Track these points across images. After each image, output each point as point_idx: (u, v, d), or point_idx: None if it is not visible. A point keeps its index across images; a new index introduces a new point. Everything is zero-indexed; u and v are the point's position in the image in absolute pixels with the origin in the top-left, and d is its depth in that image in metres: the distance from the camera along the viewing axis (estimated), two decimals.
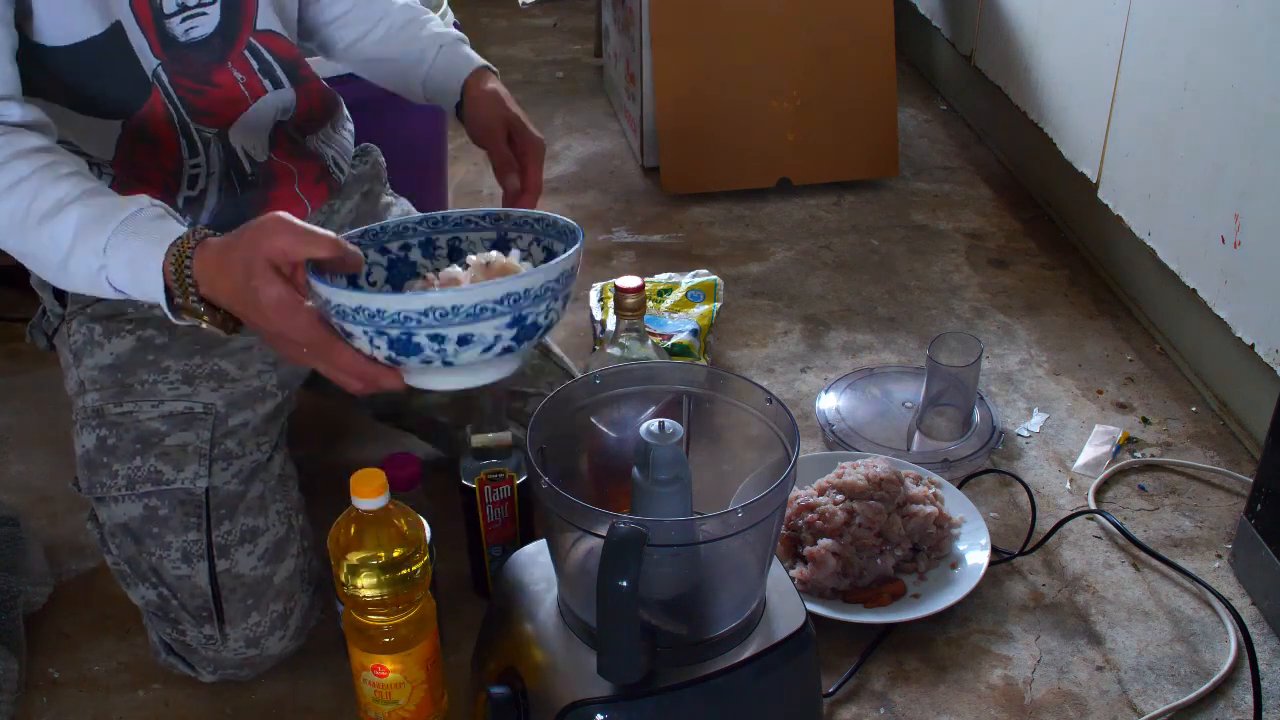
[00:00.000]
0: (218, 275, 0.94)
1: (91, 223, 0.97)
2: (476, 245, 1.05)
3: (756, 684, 0.97)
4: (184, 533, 1.16)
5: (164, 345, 1.20)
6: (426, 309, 0.87)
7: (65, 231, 0.97)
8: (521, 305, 0.90)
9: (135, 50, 1.12)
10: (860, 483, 1.32)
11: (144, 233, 0.97)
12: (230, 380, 1.21)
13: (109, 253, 0.97)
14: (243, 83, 1.21)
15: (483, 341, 0.90)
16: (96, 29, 1.09)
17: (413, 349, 0.89)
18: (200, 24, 1.16)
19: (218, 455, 1.18)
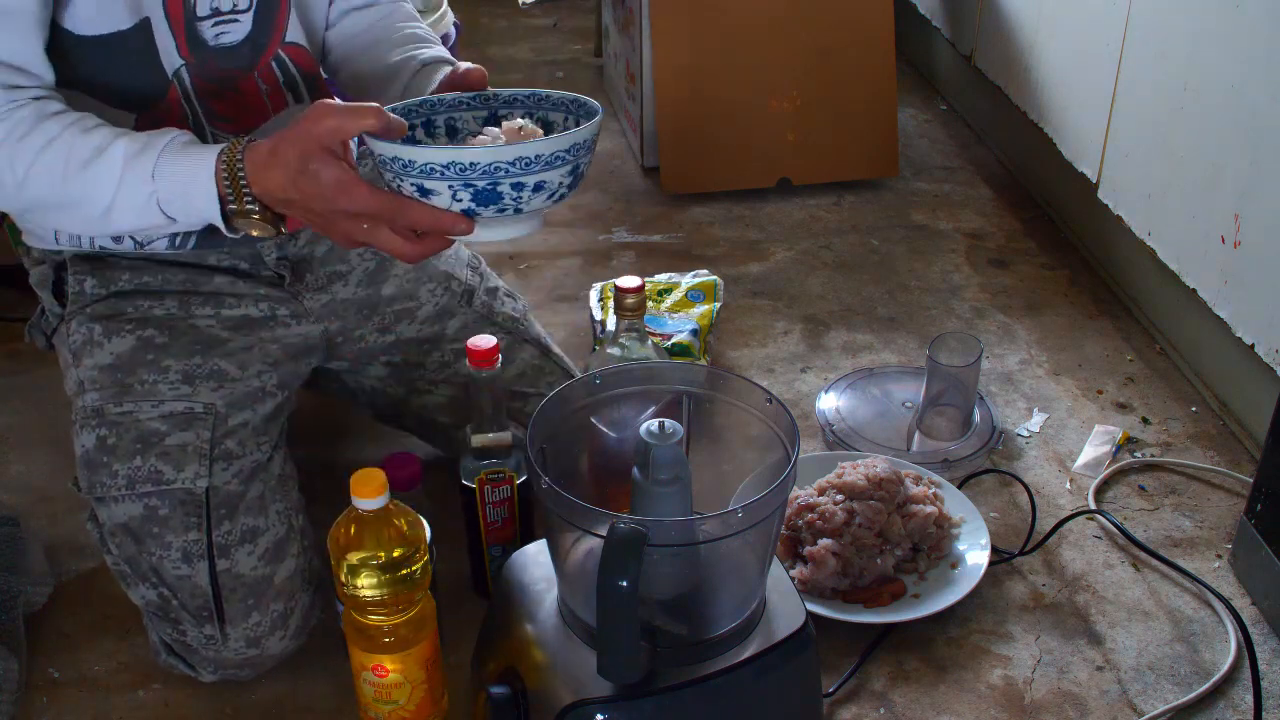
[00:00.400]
0: (270, 169, 0.99)
1: (136, 154, 1.02)
2: (470, 123, 1.13)
3: (756, 684, 0.97)
4: (184, 533, 1.16)
5: (164, 345, 1.20)
6: (515, 158, 0.96)
7: (111, 170, 1.02)
8: (579, 155, 1.01)
9: (159, 48, 1.13)
10: (860, 483, 1.32)
11: (190, 151, 1.02)
12: (230, 380, 1.21)
13: (158, 177, 1.01)
14: (266, 93, 1.22)
15: (550, 188, 0.99)
16: (125, 24, 1.10)
17: (495, 198, 0.98)
18: (231, 31, 1.17)
19: (218, 455, 1.18)
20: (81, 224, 1.12)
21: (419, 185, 0.97)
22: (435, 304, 1.38)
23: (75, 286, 1.22)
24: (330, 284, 1.32)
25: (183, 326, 1.21)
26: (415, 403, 1.41)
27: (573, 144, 0.99)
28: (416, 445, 1.48)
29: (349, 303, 1.33)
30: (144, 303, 1.22)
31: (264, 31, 1.20)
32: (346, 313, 1.33)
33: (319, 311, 1.30)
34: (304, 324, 1.29)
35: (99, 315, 1.21)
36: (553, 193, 1.00)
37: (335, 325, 1.32)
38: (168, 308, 1.22)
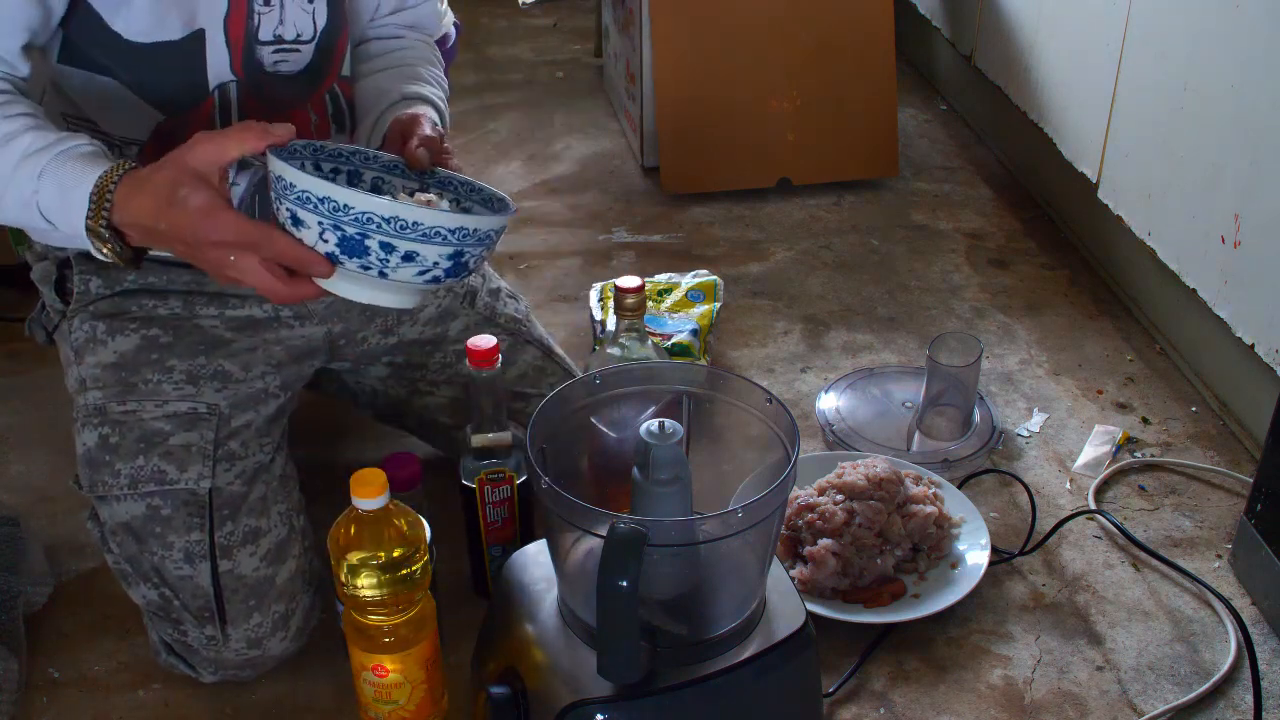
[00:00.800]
0: (140, 195, 0.96)
1: (36, 151, 0.99)
2: (396, 190, 1.09)
3: (756, 684, 0.97)
4: (187, 533, 1.16)
5: (168, 345, 1.20)
6: (392, 216, 0.92)
7: (8, 159, 1.00)
8: (466, 243, 0.96)
9: (208, 61, 1.13)
10: (860, 483, 1.32)
11: (81, 162, 0.99)
12: (234, 381, 1.21)
13: (43, 177, 0.99)
14: (314, 125, 1.23)
15: (423, 264, 0.95)
16: (176, 35, 1.10)
17: (360, 250, 0.94)
18: (291, 61, 1.18)
19: (221, 456, 1.18)
20: None
21: (293, 213, 0.94)
22: (438, 305, 1.38)
23: (81, 285, 1.22)
24: None
25: (187, 326, 1.21)
26: (417, 403, 1.41)
27: (457, 226, 0.94)
28: (416, 445, 1.48)
29: (352, 304, 1.33)
30: (148, 301, 1.22)
31: (322, 66, 1.20)
32: (350, 314, 1.33)
33: (322, 313, 1.30)
34: (307, 325, 1.29)
35: (102, 313, 1.21)
36: (425, 269, 0.95)
37: (339, 327, 1.32)
38: (172, 307, 1.22)
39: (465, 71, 2.75)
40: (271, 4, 1.14)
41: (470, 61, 2.81)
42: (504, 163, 2.36)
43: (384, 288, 0.98)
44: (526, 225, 2.15)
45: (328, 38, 1.19)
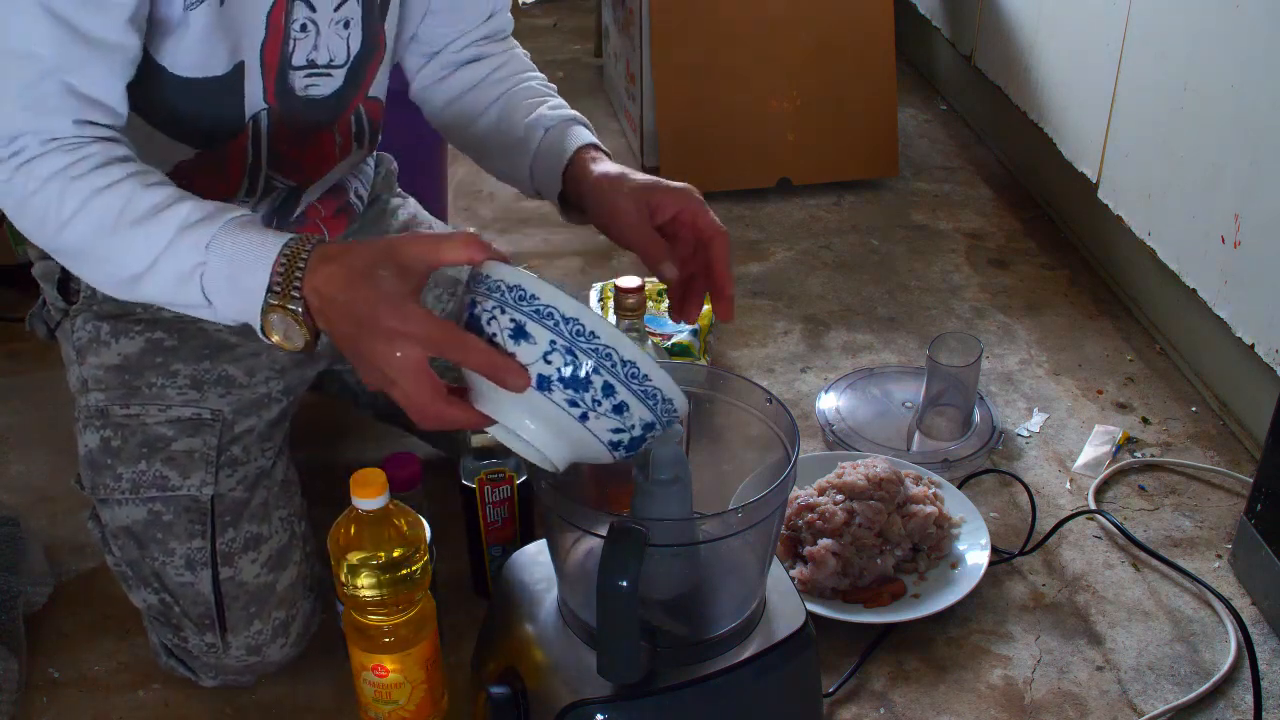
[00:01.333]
0: (332, 264, 0.88)
1: (196, 222, 0.93)
2: None
3: (756, 684, 0.97)
4: (188, 540, 1.15)
5: (173, 349, 1.19)
6: (631, 359, 0.82)
7: (163, 231, 0.93)
8: (664, 418, 0.87)
9: (246, 91, 1.11)
10: (860, 483, 1.32)
11: (251, 230, 0.93)
12: (238, 386, 1.21)
13: (213, 249, 0.92)
14: (338, 145, 1.22)
15: (624, 422, 0.85)
16: (222, 69, 1.08)
17: (581, 385, 0.83)
18: (322, 85, 1.16)
19: (223, 462, 1.17)
20: (105, 280, 1.00)
21: (519, 324, 0.83)
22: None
23: (87, 289, 1.20)
24: None
25: (191, 330, 1.21)
26: None
27: (672, 397, 0.85)
28: (416, 445, 1.48)
29: None
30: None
31: (351, 88, 1.19)
32: None
33: None
34: None
35: (106, 313, 1.20)
36: (620, 429, 0.85)
37: None
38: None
39: None
40: (308, 30, 1.11)
41: None
42: None
43: (563, 433, 0.85)
44: (526, 225, 2.15)
45: (360, 61, 1.18)
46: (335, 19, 1.13)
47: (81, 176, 0.95)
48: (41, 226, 0.97)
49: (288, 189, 1.21)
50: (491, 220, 2.18)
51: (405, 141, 1.45)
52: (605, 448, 0.86)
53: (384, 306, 0.85)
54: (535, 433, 0.86)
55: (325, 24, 1.12)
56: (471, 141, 1.26)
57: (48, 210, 0.96)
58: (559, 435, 0.86)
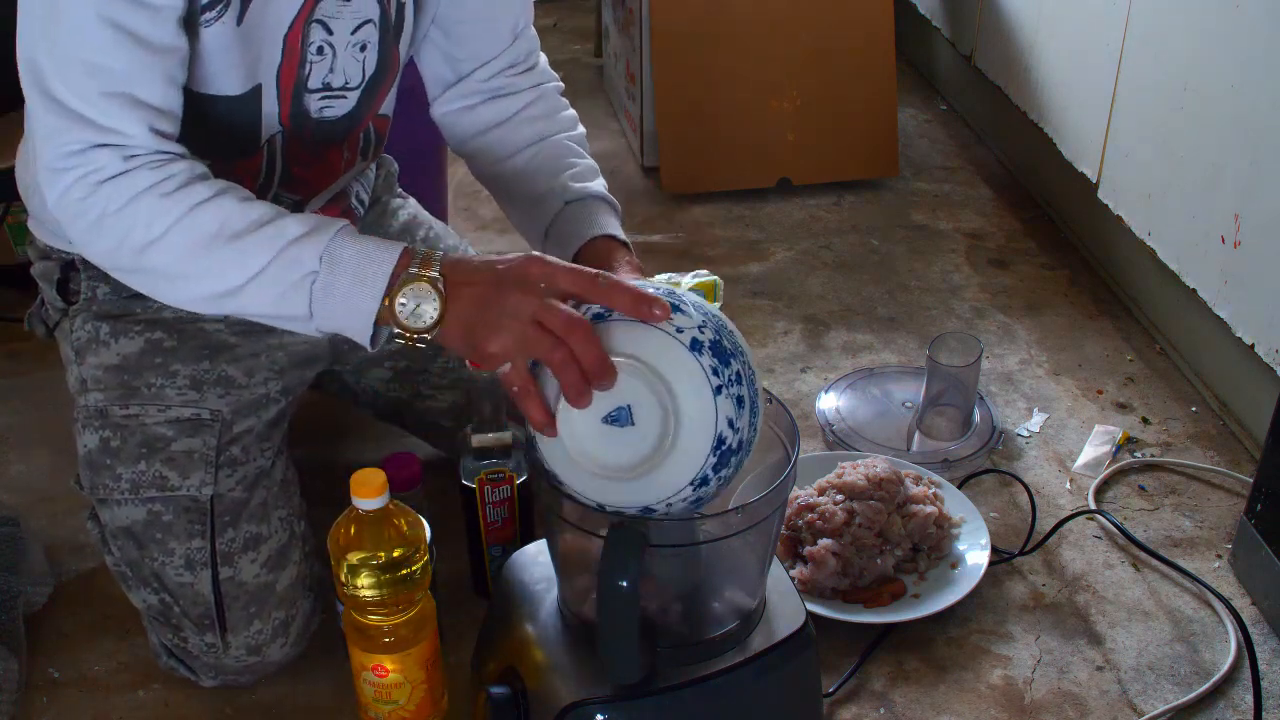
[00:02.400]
0: (469, 263, 0.92)
1: (306, 234, 0.95)
2: None
3: (756, 684, 0.97)
4: (188, 540, 1.15)
5: (172, 349, 1.19)
6: (755, 370, 0.90)
7: (268, 245, 0.95)
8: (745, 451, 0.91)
9: (263, 114, 1.10)
10: (860, 483, 1.32)
11: (365, 237, 0.96)
12: (237, 387, 1.21)
13: (326, 258, 0.94)
14: (345, 160, 1.22)
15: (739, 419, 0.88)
16: (237, 89, 1.07)
17: (725, 357, 0.88)
18: (337, 106, 1.15)
19: (223, 462, 1.17)
20: (193, 297, 1.00)
21: (675, 304, 0.88)
22: None
23: (88, 291, 1.20)
24: None
25: (191, 330, 1.21)
26: (418, 406, 1.41)
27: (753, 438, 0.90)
28: (416, 445, 1.48)
29: None
30: (153, 304, 1.20)
31: (363, 108, 1.18)
32: None
33: None
34: None
35: (106, 313, 1.20)
36: (733, 421, 0.87)
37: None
38: (177, 310, 1.21)
39: None
40: (324, 53, 1.10)
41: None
42: None
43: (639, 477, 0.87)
44: None
45: (374, 83, 1.17)
46: (353, 42, 1.12)
47: (171, 194, 0.95)
48: (121, 246, 0.97)
49: (292, 203, 1.21)
50: (491, 220, 2.18)
51: (405, 142, 1.45)
52: (686, 490, 0.87)
53: (526, 261, 0.90)
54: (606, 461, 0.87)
55: (342, 47, 1.12)
56: (492, 180, 1.26)
57: (133, 229, 0.96)
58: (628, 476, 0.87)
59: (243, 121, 1.10)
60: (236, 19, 1.02)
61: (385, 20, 1.13)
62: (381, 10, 1.12)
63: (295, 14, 1.06)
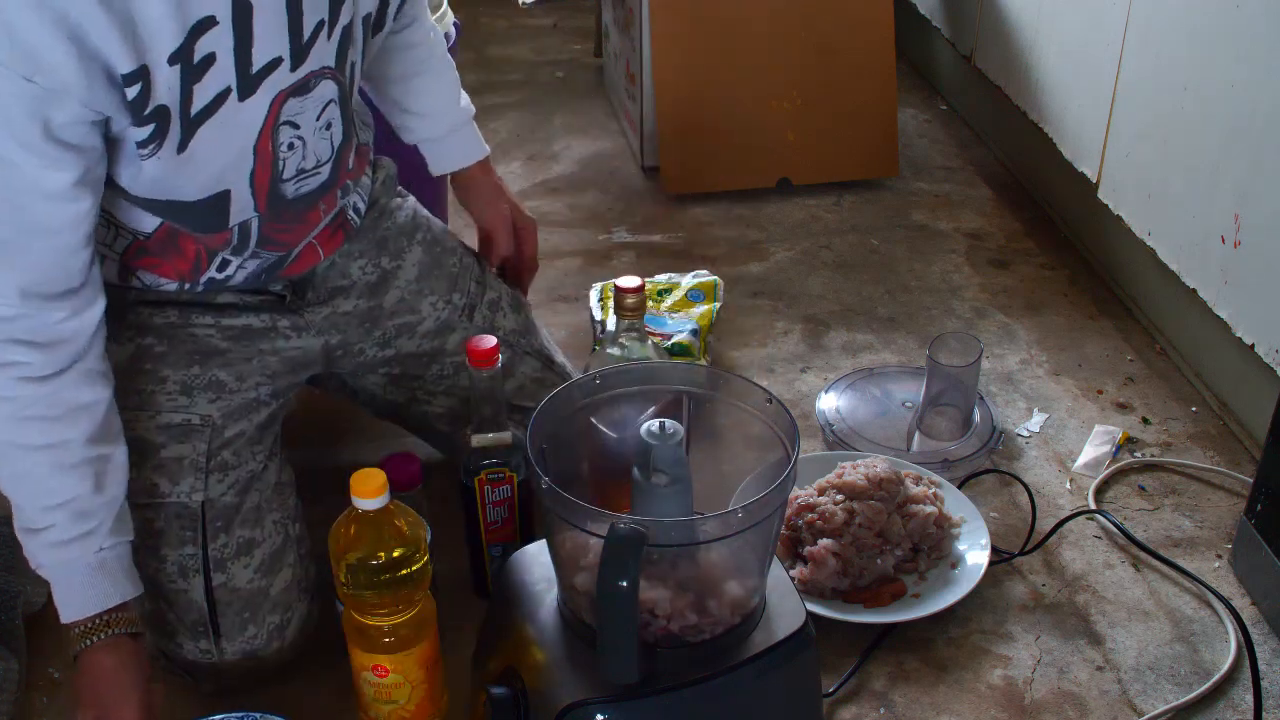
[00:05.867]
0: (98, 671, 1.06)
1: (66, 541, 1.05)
2: None
3: (756, 684, 0.97)
4: (180, 546, 1.15)
5: (162, 354, 1.19)
6: None
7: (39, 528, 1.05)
8: None
9: (232, 210, 1.11)
10: (860, 483, 1.32)
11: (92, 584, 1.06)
12: (228, 391, 1.20)
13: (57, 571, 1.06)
14: (324, 210, 1.22)
15: None
16: (195, 196, 1.07)
17: None
18: (311, 182, 1.16)
19: (214, 467, 1.17)
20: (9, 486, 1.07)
21: None
22: (436, 319, 1.37)
23: None
24: (331, 298, 1.30)
25: (181, 335, 1.20)
26: (415, 410, 1.41)
27: None
28: (416, 445, 1.48)
29: (350, 315, 1.32)
30: (144, 310, 1.20)
31: (337, 172, 1.19)
32: (348, 326, 1.31)
33: (320, 324, 1.29)
34: (304, 337, 1.28)
35: None
36: None
37: (336, 339, 1.31)
38: (168, 316, 1.21)
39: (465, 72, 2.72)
40: (295, 147, 1.11)
41: (470, 61, 2.81)
42: (504, 163, 2.36)
43: None
44: None
45: (342, 150, 1.18)
46: (318, 126, 1.12)
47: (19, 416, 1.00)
48: None
49: (274, 259, 1.22)
50: None
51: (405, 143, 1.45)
52: None
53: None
54: None
55: (310, 134, 1.12)
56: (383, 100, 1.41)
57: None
58: None
59: (203, 217, 1.10)
60: (176, 148, 1.01)
61: (342, 90, 1.13)
62: (339, 86, 1.12)
63: (260, 127, 1.06)
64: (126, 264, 1.16)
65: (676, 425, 0.94)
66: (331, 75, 1.10)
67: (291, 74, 1.05)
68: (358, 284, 1.32)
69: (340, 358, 1.33)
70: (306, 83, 1.07)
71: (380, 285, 1.33)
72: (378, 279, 1.34)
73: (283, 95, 1.06)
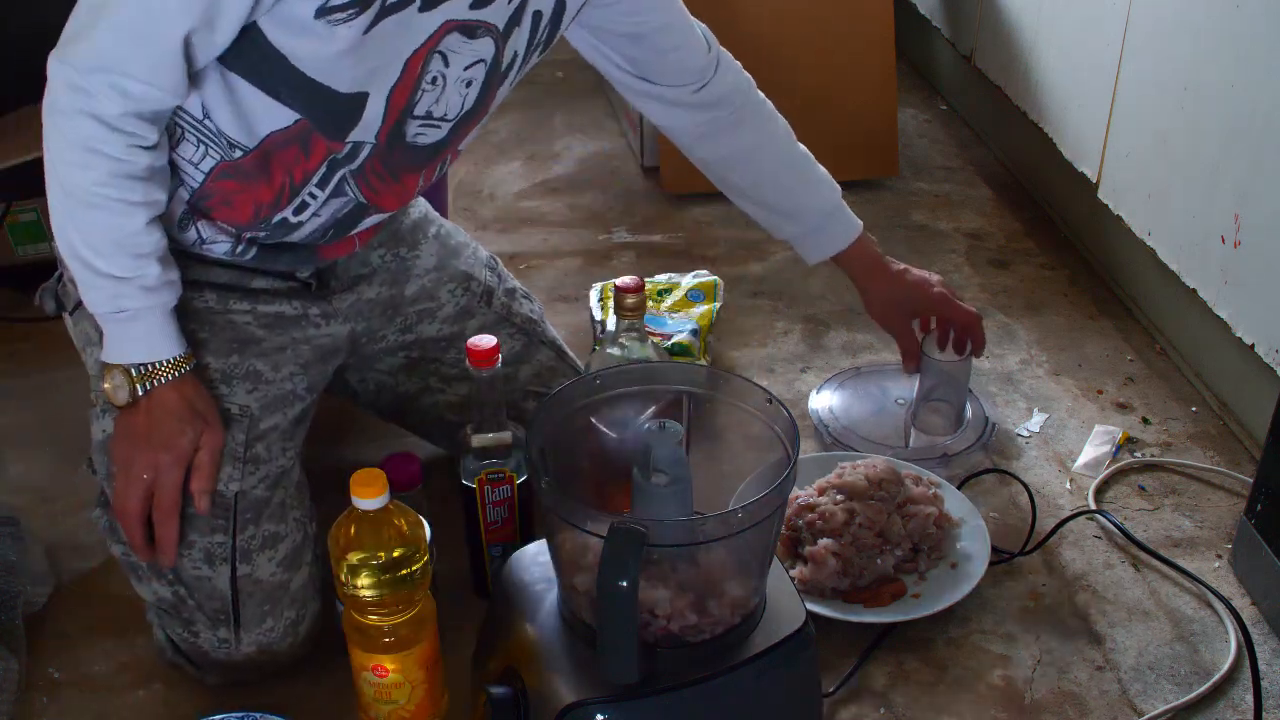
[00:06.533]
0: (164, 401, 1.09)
1: (152, 288, 1.07)
2: None
3: (756, 684, 0.97)
4: (209, 534, 1.14)
5: (204, 341, 1.18)
6: None
7: (124, 269, 1.06)
8: None
9: (362, 120, 1.11)
10: (860, 483, 1.32)
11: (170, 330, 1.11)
12: (265, 382, 1.20)
13: (133, 314, 1.08)
14: (421, 188, 1.24)
15: None
16: (342, 87, 1.08)
17: None
18: (430, 135, 1.17)
19: (248, 458, 1.17)
20: (58, 228, 1.09)
21: None
22: (456, 304, 1.39)
23: None
24: (355, 285, 1.32)
25: (221, 321, 1.19)
26: (425, 401, 1.41)
27: None
28: (416, 445, 1.48)
29: (374, 303, 1.34)
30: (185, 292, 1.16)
31: (453, 140, 1.20)
32: (372, 313, 1.33)
33: (346, 311, 1.30)
34: (332, 324, 1.29)
35: None
36: None
37: (361, 326, 1.33)
38: (207, 300, 1.20)
39: None
40: (437, 83, 1.12)
41: None
42: (504, 163, 2.36)
43: None
44: (526, 225, 2.15)
45: (467, 118, 1.19)
46: (463, 78, 1.14)
47: (112, 180, 1.04)
48: (56, 163, 1.05)
49: (356, 203, 1.20)
50: (491, 220, 2.18)
51: None
52: None
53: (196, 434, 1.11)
54: None
55: (452, 80, 1.13)
56: (727, 186, 1.56)
57: (77, 168, 1.04)
58: None
59: (333, 116, 1.11)
60: (365, 28, 1.03)
61: (495, 63, 1.15)
62: (495, 53, 1.14)
63: (424, 41, 1.08)
64: (194, 206, 1.16)
65: (676, 425, 0.95)
66: (495, 37, 1.12)
67: (469, 10, 1.08)
68: (379, 271, 1.34)
69: (365, 344, 1.35)
70: (474, 28, 1.10)
71: (401, 274, 1.36)
72: (398, 267, 1.36)
73: (451, 25, 1.08)
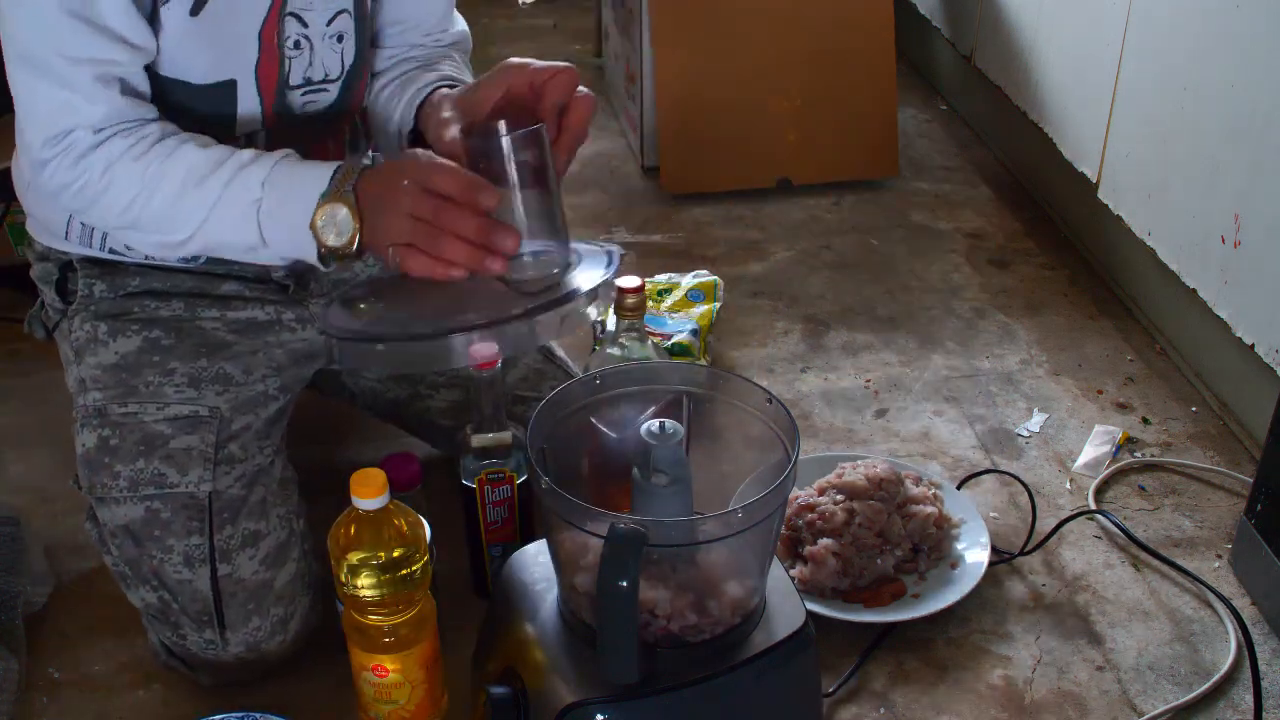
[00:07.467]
0: (377, 170, 1.02)
1: (247, 163, 1.04)
2: None
3: (756, 684, 0.97)
4: (186, 537, 1.15)
5: (170, 347, 1.20)
6: None
7: (220, 178, 1.04)
8: None
9: (239, 111, 1.13)
10: (860, 483, 1.32)
11: (305, 163, 1.05)
12: (235, 384, 1.21)
13: (268, 184, 1.03)
14: (332, 155, 1.23)
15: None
16: (201, 79, 1.09)
17: None
18: (319, 100, 1.18)
19: (221, 459, 1.17)
20: (162, 244, 1.10)
21: None
22: None
23: (85, 289, 1.21)
24: (334, 288, 1.31)
25: (189, 328, 1.21)
26: (417, 406, 1.41)
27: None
28: (416, 445, 1.48)
29: None
30: (150, 303, 1.21)
31: (348, 99, 1.20)
32: None
33: None
34: (309, 329, 1.29)
35: (104, 313, 1.20)
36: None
37: None
38: (174, 309, 1.22)
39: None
40: (301, 47, 1.13)
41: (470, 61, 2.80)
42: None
43: None
44: None
45: (353, 75, 1.19)
46: (329, 33, 1.14)
47: (143, 156, 1.03)
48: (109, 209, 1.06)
49: None
50: None
51: None
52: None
53: (429, 165, 1.00)
54: None
55: (319, 39, 1.13)
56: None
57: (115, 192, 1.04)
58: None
59: (211, 113, 1.12)
60: (189, 9, 1.04)
61: (360, 8, 1.15)
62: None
63: (268, 8, 1.08)
64: None
65: (676, 425, 0.94)
66: None
67: None
68: (360, 276, 1.33)
69: None
70: None
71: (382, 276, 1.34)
72: (379, 269, 1.35)
73: None
